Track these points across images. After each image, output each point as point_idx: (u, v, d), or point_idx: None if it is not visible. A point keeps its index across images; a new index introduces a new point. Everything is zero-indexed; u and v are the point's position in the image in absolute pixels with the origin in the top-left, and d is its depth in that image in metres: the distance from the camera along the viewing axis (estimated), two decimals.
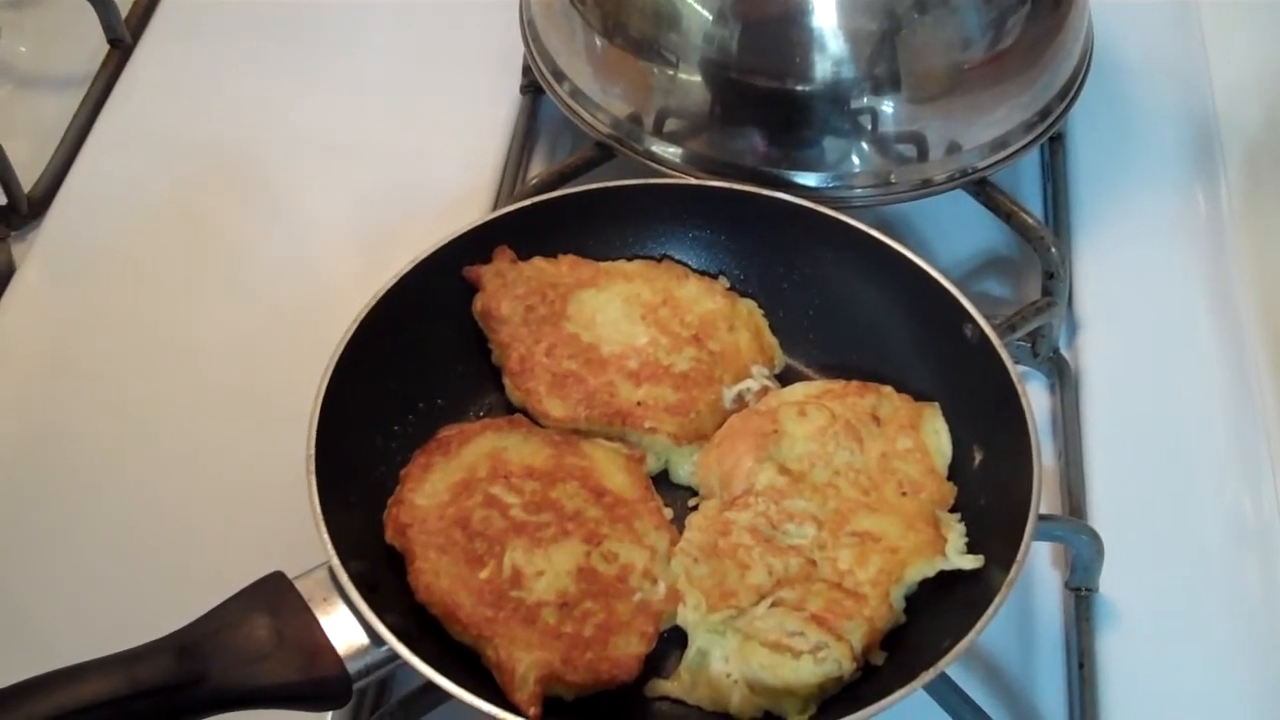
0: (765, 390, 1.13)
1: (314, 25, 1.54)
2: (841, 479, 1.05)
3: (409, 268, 1.10)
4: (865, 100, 1.19)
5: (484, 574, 0.97)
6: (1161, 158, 1.41)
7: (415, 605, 0.98)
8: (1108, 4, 1.40)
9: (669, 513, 1.06)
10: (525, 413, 1.11)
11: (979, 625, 0.92)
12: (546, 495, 1.03)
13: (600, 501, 1.03)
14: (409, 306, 1.09)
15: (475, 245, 1.14)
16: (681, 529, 1.05)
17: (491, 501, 1.01)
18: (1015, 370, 1.04)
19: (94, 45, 1.51)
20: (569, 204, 1.17)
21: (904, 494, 1.04)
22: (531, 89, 1.43)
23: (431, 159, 1.40)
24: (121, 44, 1.52)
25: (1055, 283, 1.23)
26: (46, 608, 1.10)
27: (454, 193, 1.36)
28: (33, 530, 1.14)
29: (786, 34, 1.17)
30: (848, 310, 1.16)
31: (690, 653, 0.98)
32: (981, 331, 1.07)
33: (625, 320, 1.14)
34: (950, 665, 0.91)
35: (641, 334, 1.13)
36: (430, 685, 0.91)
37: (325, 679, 0.90)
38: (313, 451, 0.98)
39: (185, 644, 0.88)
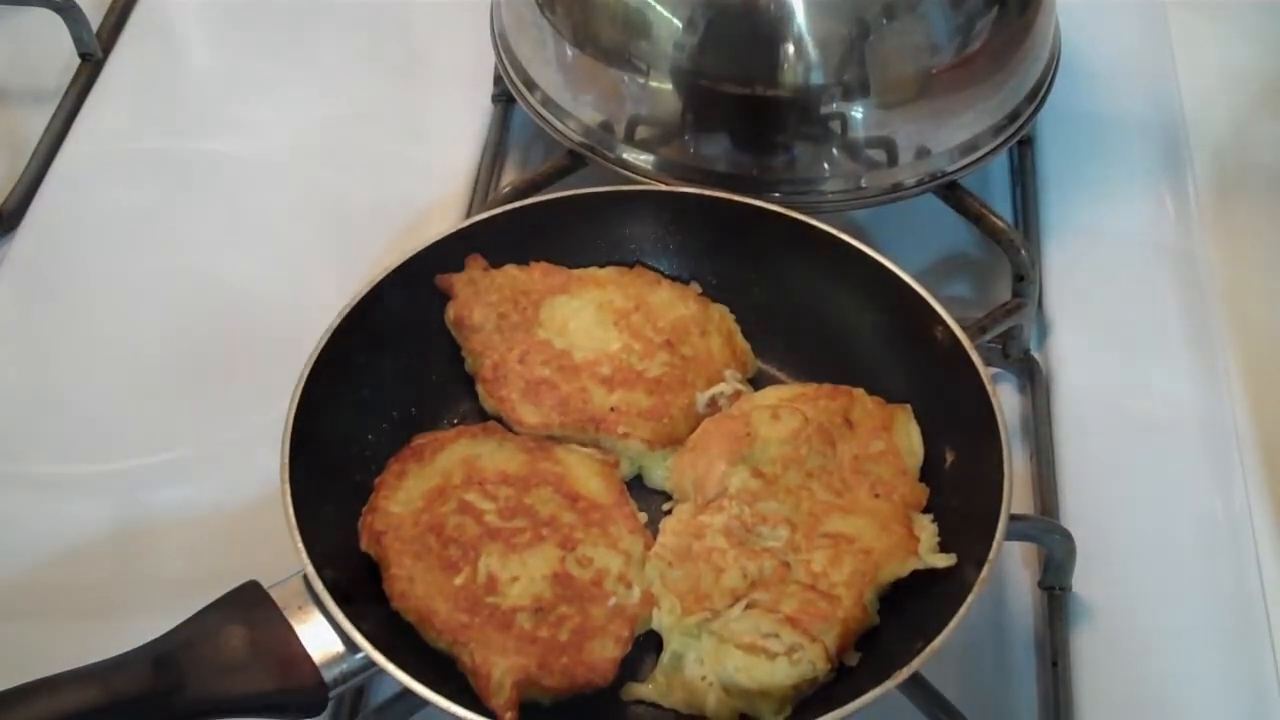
0: (738, 394, 1.13)
1: (285, 37, 1.54)
2: (814, 481, 1.05)
3: (382, 277, 1.10)
4: (835, 106, 1.19)
5: (459, 580, 0.98)
6: (1130, 160, 1.42)
7: (391, 612, 0.98)
8: (1075, 7, 1.41)
9: (643, 517, 1.06)
10: (499, 420, 1.11)
11: (951, 625, 0.92)
12: (521, 501, 1.03)
13: (574, 507, 1.03)
14: (382, 315, 1.09)
15: (447, 254, 1.14)
16: (656, 533, 1.05)
17: (466, 508, 1.01)
18: (986, 372, 1.05)
19: (65, 59, 1.51)
20: (541, 212, 1.17)
21: (876, 496, 1.05)
22: (503, 98, 1.43)
23: (404, 168, 1.40)
24: (92, 58, 1.52)
25: (1025, 285, 1.24)
26: (22, 618, 1.10)
27: (426, 202, 1.36)
28: (3, 541, 1.14)
29: (756, 41, 1.18)
30: (819, 314, 1.16)
31: (665, 656, 0.99)
32: (952, 334, 1.07)
33: (598, 326, 1.14)
34: (924, 665, 0.91)
35: (614, 340, 1.13)
36: (406, 692, 0.91)
37: (301, 688, 0.90)
38: (287, 460, 0.98)
39: (161, 654, 0.89)
